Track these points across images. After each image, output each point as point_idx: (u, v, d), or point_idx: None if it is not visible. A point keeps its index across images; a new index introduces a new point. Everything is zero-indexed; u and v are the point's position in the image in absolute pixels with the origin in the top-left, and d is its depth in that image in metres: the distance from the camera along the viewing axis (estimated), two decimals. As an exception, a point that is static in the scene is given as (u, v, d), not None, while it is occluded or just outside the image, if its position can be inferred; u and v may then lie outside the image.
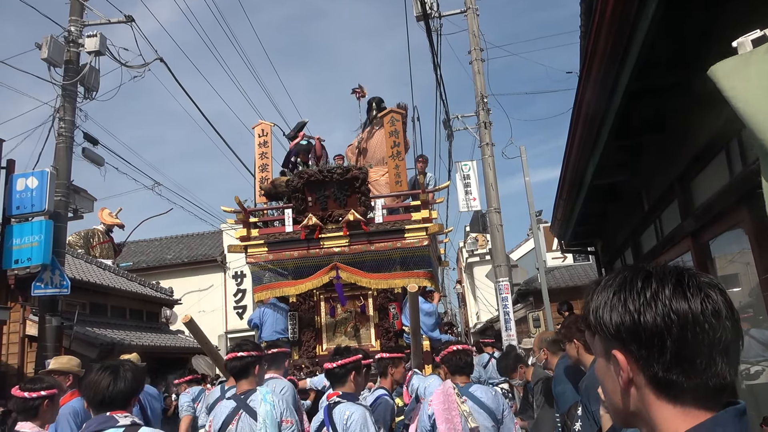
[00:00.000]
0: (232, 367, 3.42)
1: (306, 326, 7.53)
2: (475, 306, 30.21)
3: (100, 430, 2.21)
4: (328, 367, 3.34)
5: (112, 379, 2.29)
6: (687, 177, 4.04)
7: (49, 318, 10.18)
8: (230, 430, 3.24)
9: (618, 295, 0.86)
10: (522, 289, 16.68)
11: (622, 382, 0.85)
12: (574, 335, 3.34)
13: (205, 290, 22.43)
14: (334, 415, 3.15)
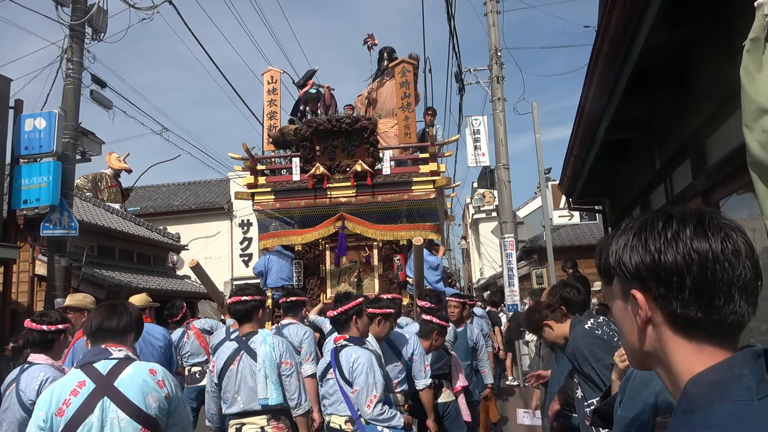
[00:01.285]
0: (235, 310, 3.47)
1: (311, 274, 7.60)
2: (479, 262, 30.43)
3: (93, 362, 2.26)
4: (331, 314, 3.41)
5: (107, 314, 2.36)
6: (702, 135, 3.96)
7: (58, 258, 10.33)
8: (231, 369, 3.34)
9: (639, 236, 0.88)
10: (527, 246, 16.75)
11: (640, 321, 0.87)
12: (541, 320, 3.39)
13: (212, 237, 22.63)
14: (341, 358, 3.22)
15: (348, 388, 3.15)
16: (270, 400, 3.21)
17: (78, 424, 2.15)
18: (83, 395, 2.18)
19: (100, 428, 2.16)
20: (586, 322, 3.24)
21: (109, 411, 2.18)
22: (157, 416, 2.27)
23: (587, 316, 3.32)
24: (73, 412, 2.16)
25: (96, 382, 2.21)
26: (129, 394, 2.22)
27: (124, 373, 2.25)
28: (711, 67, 3.47)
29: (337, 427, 3.19)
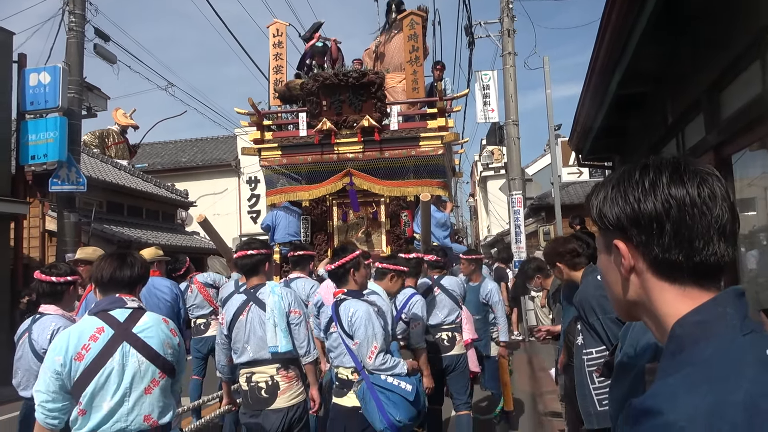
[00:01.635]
0: (242, 264, 3.50)
1: (318, 230, 7.62)
2: (486, 219, 30.43)
3: (108, 309, 2.32)
4: (328, 268, 3.45)
5: (119, 264, 2.38)
6: (717, 88, 3.86)
7: (67, 214, 10.40)
8: (240, 320, 3.40)
9: (617, 188, 0.90)
10: (535, 203, 16.69)
11: (624, 270, 0.89)
12: (555, 260, 3.38)
13: (220, 194, 22.69)
14: (341, 312, 3.26)
15: (349, 341, 3.20)
16: (279, 348, 3.27)
17: (98, 368, 2.21)
18: (103, 341, 2.25)
19: (121, 372, 2.24)
20: (599, 272, 3.24)
21: (130, 356, 2.26)
22: (173, 362, 2.38)
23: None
24: (93, 356, 2.22)
25: (114, 328, 2.28)
26: (148, 340, 2.30)
27: (141, 321, 2.33)
28: (727, 15, 3.35)
29: (344, 378, 3.24)
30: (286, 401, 3.31)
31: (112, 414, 2.23)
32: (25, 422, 3.18)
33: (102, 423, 2.22)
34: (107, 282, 2.37)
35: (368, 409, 3.02)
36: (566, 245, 3.31)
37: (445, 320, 4.75)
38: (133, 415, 2.25)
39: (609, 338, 3.10)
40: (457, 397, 4.75)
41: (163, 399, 2.35)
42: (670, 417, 0.72)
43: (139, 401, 2.27)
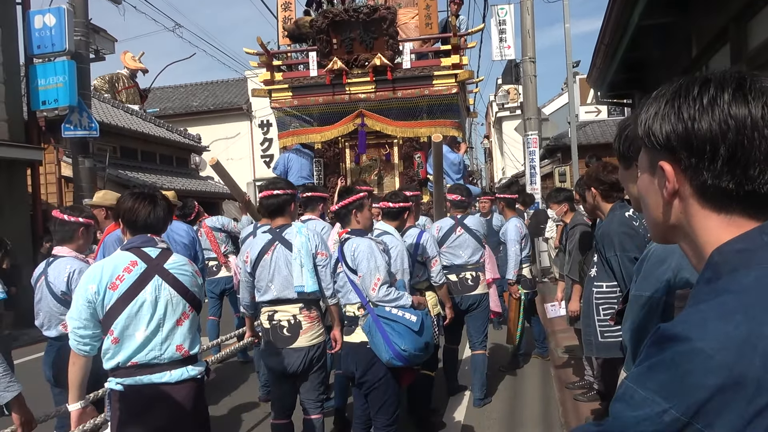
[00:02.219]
0: (268, 204, 3.44)
1: (331, 173, 7.58)
2: (501, 161, 30.13)
3: (141, 246, 2.42)
4: (333, 209, 3.47)
5: (152, 207, 2.44)
6: (744, 17, 3.67)
7: (82, 159, 10.44)
8: (265, 259, 3.37)
9: (671, 103, 0.81)
10: (550, 144, 16.42)
11: (667, 194, 0.83)
12: (592, 183, 3.30)
13: (232, 138, 22.60)
14: (345, 250, 3.32)
15: (354, 277, 3.26)
16: (306, 288, 3.27)
17: (131, 298, 2.32)
18: (136, 273, 2.35)
19: (154, 304, 2.35)
20: (627, 210, 3.19)
21: (162, 289, 2.37)
22: (199, 299, 2.53)
23: (628, 205, 3.26)
24: (127, 287, 2.32)
25: (147, 263, 2.39)
26: (178, 276, 2.42)
27: (171, 259, 2.45)
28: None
29: (352, 315, 3.30)
30: (307, 341, 3.32)
31: (147, 343, 2.33)
32: (49, 359, 3.27)
33: (136, 352, 2.32)
34: (141, 224, 2.44)
35: (374, 341, 3.08)
36: (611, 174, 3.23)
37: (469, 260, 4.72)
38: (166, 344, 2.36)
39: (623, 276, 3.09)
40: (474, 336, 4.78)
41: (192, 331, 2.48)
42: (698, 344, 0.69)
43: (172, 332, 2.38)
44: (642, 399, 0.84)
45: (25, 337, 7.83)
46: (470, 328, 4.79)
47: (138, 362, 2.33)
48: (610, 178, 3.24)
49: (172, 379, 2.36)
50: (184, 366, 2.40)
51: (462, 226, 4.75)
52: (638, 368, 0.88)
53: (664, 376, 0.79)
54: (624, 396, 0.89)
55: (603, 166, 3.31)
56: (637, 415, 0.84)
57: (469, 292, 4.71)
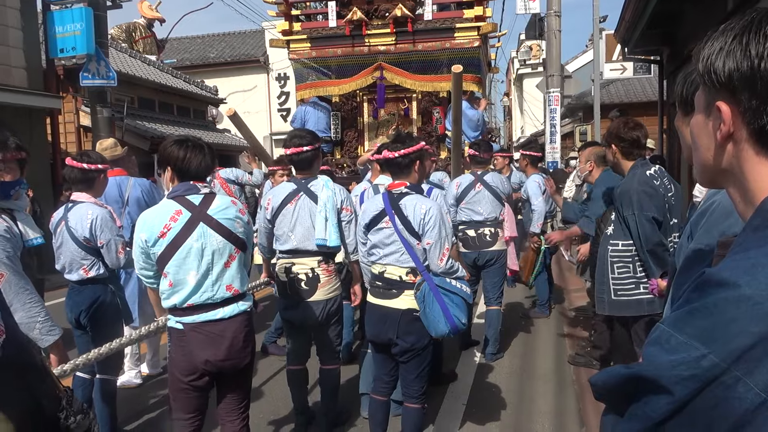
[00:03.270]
0: (298, 161, 3.39)
1: (348, 127, 7.50)
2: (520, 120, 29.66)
3: (184, 195, 2.51)
4: (390, 156, 2.94)
5: (203, 156, 2.53)
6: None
7: (100, 109, 10.44)
8: (288, 208, 3.34)
9: (739, 38, 0.75)
10: (572, 103, 16.09)
11: (720, 136, 0.79)
12: (612, 140, 3.23)
13: (249, 91, 22.44)
14: (405, 208, 2.88)
15: (412, 240, 2.86)
16: (329, 242, 3.25)
17: (179, 246, 2.45)
18: (182, 222, 2.46)
19: (200, 250, 2.47)
20: (649, 169, 3.13)
21: (208, 235, 2.47)
22: (244, 238, 2.60)
23: (652, 163, 3.19)
24: (175, 234, 2.45)
25: (191, 211, 2.48)
26: (222, 221, 2.50)
27: (213, 204, 2.51)
28: None
29: (396, 279, 2.90)
30: (324, 294, 3.32)
31: (199, 286, 2.48)
32: (71, 303, 3.34)
33: (191, 294, 2.48)
34: (193, 172, 2.53)
35: (431, 313, 2.80)
36: (632, 131, 3.16)
37: (488, 216, 4.68)
38: (217, 285, 2.50)
39: (639, 235, 3.06)
40: (490, 291, 4.79)
41: (240, 271, 2.60)
42: (746, 291, 0.67)
43: (221, 274, 2.51)
44: (679, 343, 0.82)
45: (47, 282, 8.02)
46: (486, 284, 4.80)
47: (194, 303, 2.49)
48: (631, 135, 3.17)
49: (226, 315, 2.53)
50: (235, 302, 2.56)
51: (482, 182, 4.69)
52: (677, 313, 0.86)
53: (705, 321, 0.77)
54: (659, 340, 0.87)
55: (624, 123, 3.22)
56: (672, 359, 0.82)
57: (487, 248, 4.68)
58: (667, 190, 3.10)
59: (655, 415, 0.89)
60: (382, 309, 2.93)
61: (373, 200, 3.09)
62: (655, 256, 3.03)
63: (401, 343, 2.88)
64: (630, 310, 3.19)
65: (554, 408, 3.88)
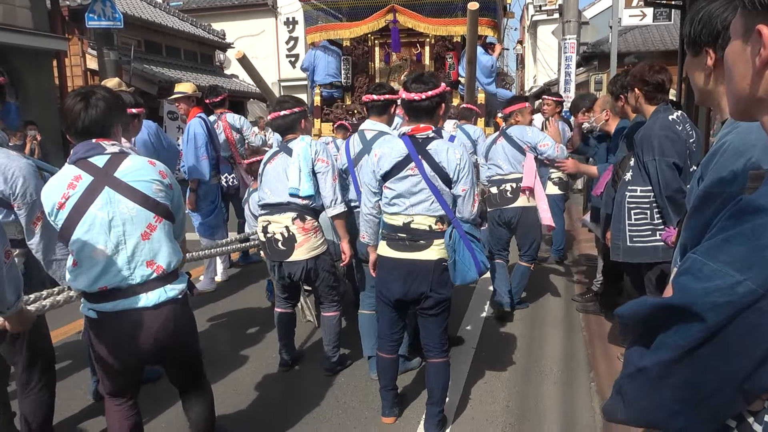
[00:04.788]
0: (277, 125, 3.43)
1: (359, 72, 7.35)
2: (533, 69, 29.03)
3: (86, 156, 2.11)
4: (413, 98, 2.67)
5: (83, 106, 2.09)
6: None
7: (107, 52, 10.29)
8: (267, 168, 3.42)
9: None
10: (587, 51, 15.65)
11: (760, 62, 0.76)
12: (636, 84, 3.13)
13: (257, 35, 21.98)
14: (436, 153, 2.67)
15: (443, 187, 2.68)
16: (300, 191, 3.24)
17: (79, 217, 2.07)
18: (80, 188, 2.07)
19: (107, 221, 2.08)
20: (672, 113, 3.05)
21: (116, 202, 2.08)
22: (167, 204, 2.19)
23: (673, 109, 3.11)
24: (74, 204, 2.07)
25: (93, 174, 2.09)
26: (133, 183, 2.11)
27: (123, 165, 2.12)
28: None
29: (425, 228, 2.69)
30: (304, 254, 3.30)
31: (111, 264, 2.09)
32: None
33: (101, 275, 2.09)
34: (78, 128, 2.12)
35: (461, 261, 2.70)
36: (657, 74, 3.06)
37: (509, 171, 4.45)
38: (134, 263, 2.11)
39: (659, 181, 3.01)
40: (521, 248, 4.62)
41: (165, 243, 2.18)
42: None
43: (137, 248, 2.11)
44: (712, 271, 0.81)
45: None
46: (518, 241, 4.65)
47: (108, 287, 2.10)
48: (656, 79, 3.07)
49: (149, 303, 2.13)
50: (161, 286, 2.16)
51: (504, 135, 4.54)
52: (710, 241, 0.84)
53: (741, 248, 0.75)
54: (691, 269, 0.86)
55: (650, 66, 3.12)
56: (706, 287, 0.81)
57: (508, 205, 4.48)
58: (688, 135, 3.03)
59: (685, 343, 0.88)
60: (409, 263, 2.71)
61: (387, 146, 2.75)
62: (674, 202, 2.99)
63: (435, 296, 2.73)
64: (645, 257, 3.17)
65: (563, 353, 3.93)
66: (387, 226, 2.77)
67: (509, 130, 4.55)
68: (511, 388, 3.45)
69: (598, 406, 3.17)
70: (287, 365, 3.73)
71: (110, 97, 2.18)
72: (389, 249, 2.76)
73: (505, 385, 3.49)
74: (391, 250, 2.76)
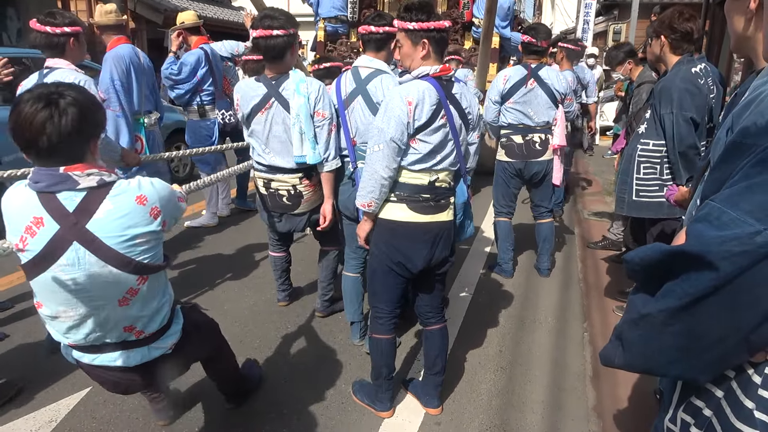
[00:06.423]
0: (266, 47, 2.79)
1: (366, 6, 7.11)
2: (551, 16, 28.10)
3: (53, 191, 1.60)
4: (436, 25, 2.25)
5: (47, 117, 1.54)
6: None
7: (111, -25, 9.92)
8: (260, 118, 2.97)
9: None
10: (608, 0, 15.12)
11: None
12: (663, 31, 2.98)
13: (267, -33, 21.20)
14: (462, 98, 2.38)
15: (465, 136, 2.42)
16: (308, 158, 2.88)
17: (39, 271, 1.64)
18: (43, 238, 1.60)
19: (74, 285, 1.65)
20: (696, 66, 2.92)
21: (86, 264, 1.64)
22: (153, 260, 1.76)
23: (699, 61, 2.97)
24: (32, 256, 1.63)
25: (59, 221, 1.60)
26: (112, 240, 1.63)
27: (99, 211, 1.62)
28: None
29: (446, 185, 2.41)
30: (309, 206, 3.13)
31: (80, 326, 1.74)
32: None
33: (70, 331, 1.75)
34: (39, 149, 1.56)
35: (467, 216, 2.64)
36: (686, 22, 2.91)
37: (540, 120, 4.02)
38: (108, 327, 1.76)
39: (674, 135, 2.93)
40: (541, 205, 4.29)
41: (149, 305, 1.80)
42: None
43: (111, 317, 1.74)
44: (731, 219, 0.77)
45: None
46: (535, 198, 4.29)
47: (76, 344, 1.79)
48: (685, 27, 2.93)
49: (130, 363, 1.82)
50: (144, 345, 1.84)
51: (535, 77, 3.98)
52: (731, 189, 0.80)
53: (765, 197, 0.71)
54: (708, 216, 0.82)
55: (679, 13, 2.96)
56: (723, 235, 0.77)
57: (536, 158, 4.06)
58: (709, 90, 2.92)
59: (694, 291, 0.85)
60: (437, 225, 2.38)
61: (416, 90, 2.24)
62: (686, 158, 2.91)
63: (452, 259, 2.52)
64: (649, 212, 3.12)
65: (558, 303, 3.94)
66: (407, 187, 2.34)
67: (542, 73, 4.00)
68: (504, 334, 3.47)
69: (589, 355, 3.20)
70: (286, 301, 3.77)
71: (84, 100, 1.62)
72: (412, 213, 2.35)
73: (499, 331, 3.51)
74: (415, 214, 2.34)
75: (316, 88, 2.86)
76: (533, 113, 4.02)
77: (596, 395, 2.82)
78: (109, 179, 1.66)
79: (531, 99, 4.00)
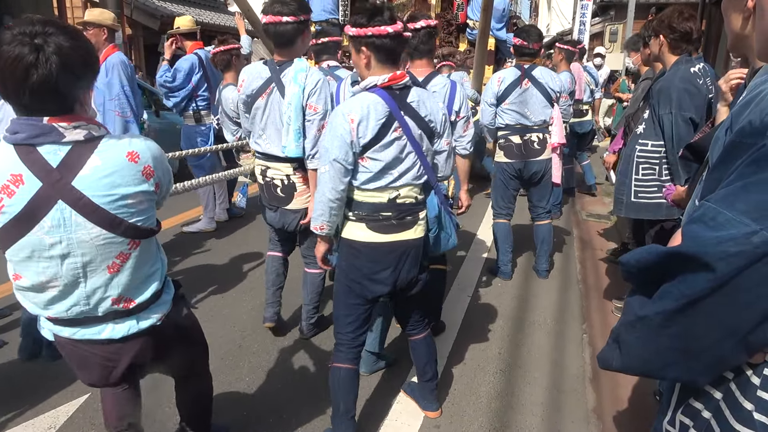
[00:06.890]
0: (277, 33, 2.75)
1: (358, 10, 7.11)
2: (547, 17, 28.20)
3: (33, 143, 1.42)
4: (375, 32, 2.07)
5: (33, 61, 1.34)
6: None
7: (107, -19, 9.93)
8: (260, 102, 2.90)
9: None
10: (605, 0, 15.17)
11: None
12: (662, 30, 2.98)
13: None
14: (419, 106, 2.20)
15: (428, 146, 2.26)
16: (287, 150, 2.80)
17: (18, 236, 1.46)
18: (23, 197, 1.42)
19: (58, 252, 1.49)
20: (694, 65, 2.91)
21: (72, 225, 1.47)
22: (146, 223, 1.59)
23: (697, 60, 2.96)
24: (9, 218, 1.43)
25: (41, 178, 1.42)
26: (101, 199, 1.47)
27: (86, 167, 1.45)
28: None
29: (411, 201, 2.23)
30: (303, 203, 3.02)
31: (62, 298, 1.57)
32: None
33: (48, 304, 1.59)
34: (21, 96, 1.38)
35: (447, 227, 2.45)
36: (686, 22, 2.90)
37: (537, 120, 4.04)
38: (95, 298, 1.59)
39: (672, 136, 2.92)
40: (539, 206, 4.28)
41: (139, 273, 1.64)
42: None
43: (101, 285, 1.58)
44: (727, 220, 0.76)
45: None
46: (534, 198, 4.27)
47: (58, 318, 1.61)
48: (684, 27, 2.92)
49: (116, 335, 1.65)
50: (134, 315, 1.67)
51: (529, 77, 4.02)
52: (727, 189, 0.79)
53: (761, 196, 0.70)
54: (704, 217, 0.81)
55: (679, 12, 2.95)
56: (719, 236, 0.76)
57: (534, 157, 4.07)
58: (708, 90, 2.91)
59: (690, 293, 0.84)
60: (400, 245, 2.20)
61: (360, 106, 2.09)
62: (685, 159, 2.91)
63: (423, 278, 2.34)
64: (648, 213, 3.11)
65: (557, 304, 3.94)
66: (364, 206, 2.17)
67: (535, 73, 4.04)
68: (504, 336, 3.46)
69: (589, 356, 3.19)
70: (273, 322, 3.35)
71: (79, 45, 1.42)
72: (371, 232, 2.18)
73: (498, 333, 3.50)
74: (375, 234, 2.17)
75: (314, 81, 2.78)
76: (530, 113, 4.03)
77: (596, 397, 2.81)
78: (97, 133, 1.49)
79: (527, 99, 4.02)
